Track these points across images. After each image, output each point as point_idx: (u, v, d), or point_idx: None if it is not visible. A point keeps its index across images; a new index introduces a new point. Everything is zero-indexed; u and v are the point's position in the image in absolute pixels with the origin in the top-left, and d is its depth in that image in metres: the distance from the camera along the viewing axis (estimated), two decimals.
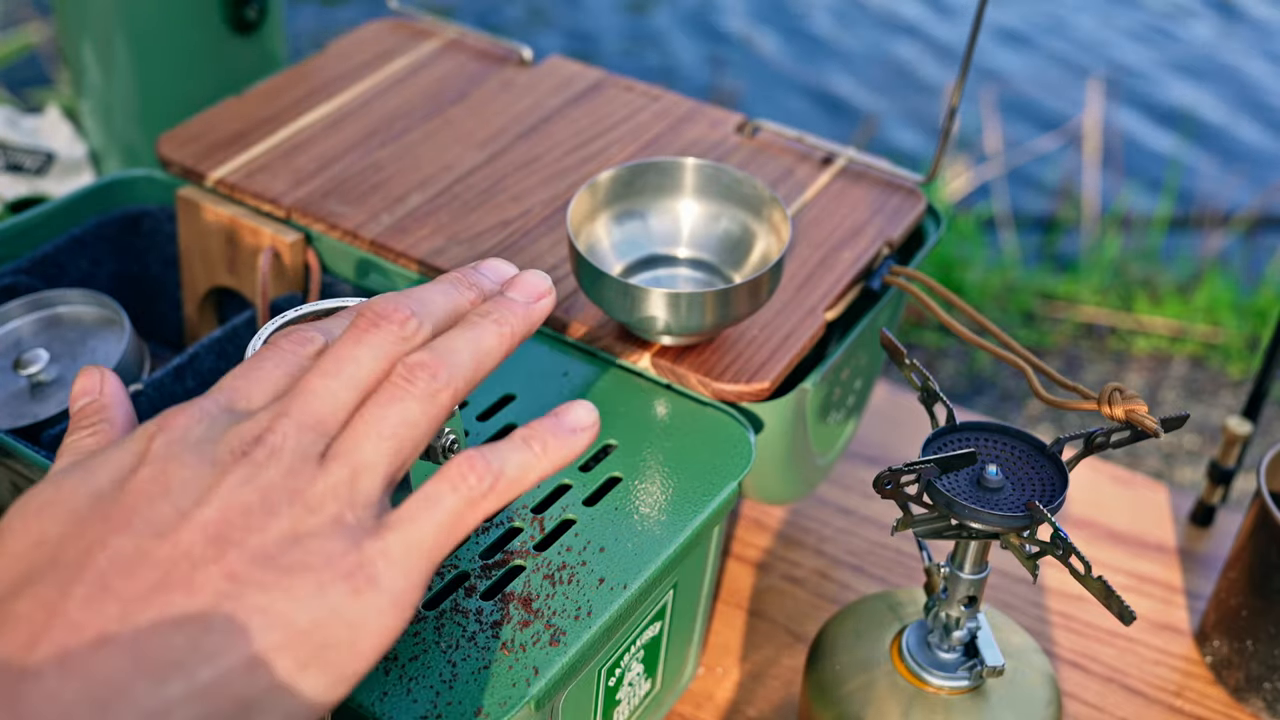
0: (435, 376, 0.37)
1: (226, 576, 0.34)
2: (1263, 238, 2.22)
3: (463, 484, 0.36)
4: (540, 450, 0.38)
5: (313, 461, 0.36)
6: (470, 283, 0.41)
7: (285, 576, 0.34)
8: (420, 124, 0.74)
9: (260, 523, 0.35)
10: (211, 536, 0.34)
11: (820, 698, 0.56)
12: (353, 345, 0.38)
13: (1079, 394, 0.54)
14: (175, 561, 0.34)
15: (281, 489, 0.35)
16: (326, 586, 0.34)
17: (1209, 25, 2.89)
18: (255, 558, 0.34)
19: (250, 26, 0.95)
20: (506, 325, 0.40)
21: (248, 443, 0.36)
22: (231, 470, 0.35)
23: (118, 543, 0.34)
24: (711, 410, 0.57)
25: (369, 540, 0.35)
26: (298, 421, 0.36)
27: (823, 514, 0.78)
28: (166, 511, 0.35)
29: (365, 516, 0.36)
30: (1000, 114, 2.47)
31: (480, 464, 0.37)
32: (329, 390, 0.37)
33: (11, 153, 0.97)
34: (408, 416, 0.37)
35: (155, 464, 0.36)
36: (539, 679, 0.45)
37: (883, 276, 0.65)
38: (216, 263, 0.69)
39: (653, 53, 2.70)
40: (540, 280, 0.42)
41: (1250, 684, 0.67)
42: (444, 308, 0.40)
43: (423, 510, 0.36)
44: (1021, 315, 2.02)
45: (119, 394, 0.43)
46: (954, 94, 0.65)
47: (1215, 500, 0.78)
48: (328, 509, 0.35)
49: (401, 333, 0.38)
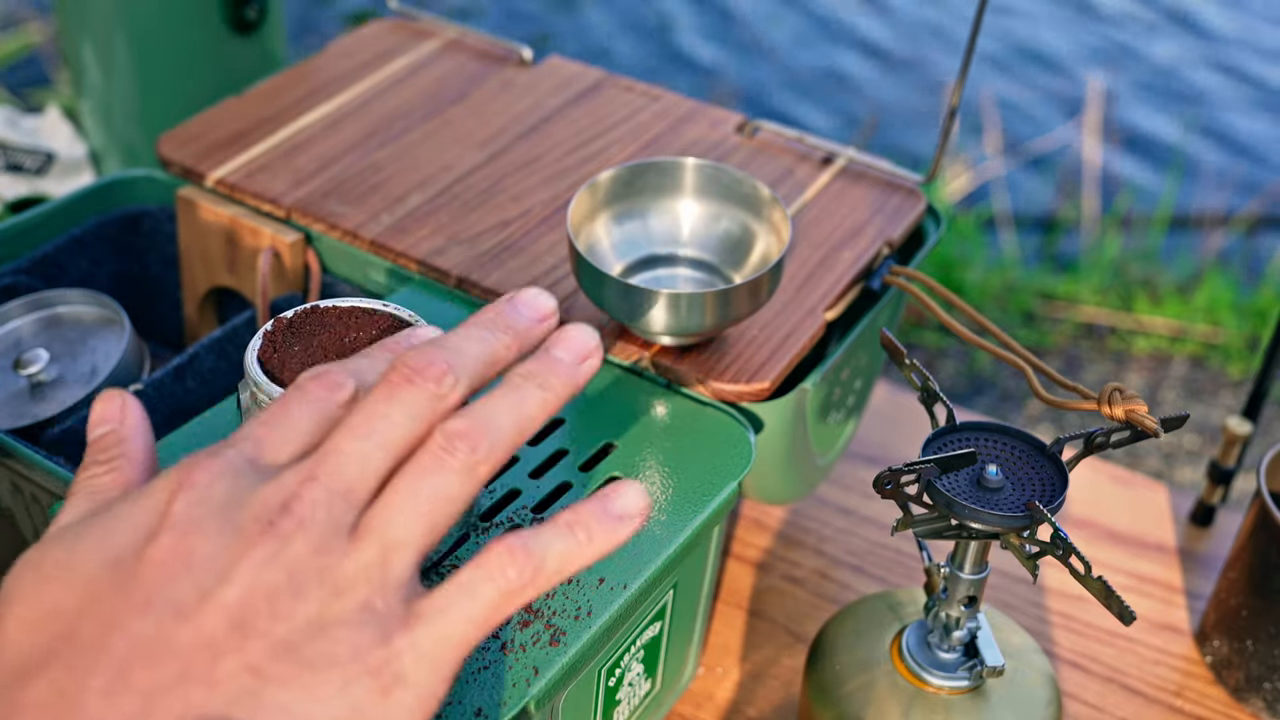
0: (475, 449, 0.35)
1: (248, 670, 0.32)
2: (1263, 238, 2.22)
3: (501, 576, 0.34)
4: (585, 539, 0.35)
5: (342, 536, 0.34)
6: (506, 325, 0.38)
7: (308, 671, 0.32)
8: (420, 124, 0.74)
9: (286, 607, 0.33)
10: (234, 621, 0.32)
11: (820, 698, 0.56)
12: (385, 403, 0.35)
13: (1079, 394, 0.54)
14: (197, 650, 0.32)
15: (309, 568, 0.33)
16: (351, 684, 0.33)
17: (1209, 25, 2.89)
18: (278, 649, 0.32)
19: (250, 26, 0.95)
20: (550, 391, 0.37)
21: (274, 510, 0.34)
22: (257, 544, 0.33)
23: (138, 626, 0.32)
24: (711, 410, 0.57)
25: (399, 633, 0.33)
26: (327, 488, 0.34)
27: (823, 514, 0.78)
28: (188, 590, 0.33)
29: (395, 601, 0.34)
30: (1000, 114, 2.47)
31: (521, 555, 0.34)
32: (360, 453, 0.35)
33: (11, 153, 0.97)
34: (446, 491, 0.34)
35: (175, 531, 0.33)
36: (539, 679, 0.45)
37: (883, 276, 0.65)
38: (216, 263, 0.69)
39: (653, 51, 2.70)
40: (588, 338, 0.38)
41: (1250, 684, 0.67)
42: (480, 358, 0.37)
43: (456, 601, 0.34)
44: (1021, 315, 2.02)
45: (140, 425, 0.40)
46: (954, 94, 0.65)
47: (1215, 500, 0.78)
48: (358, 593, 0.33)
49: (438, 390, 0.35)
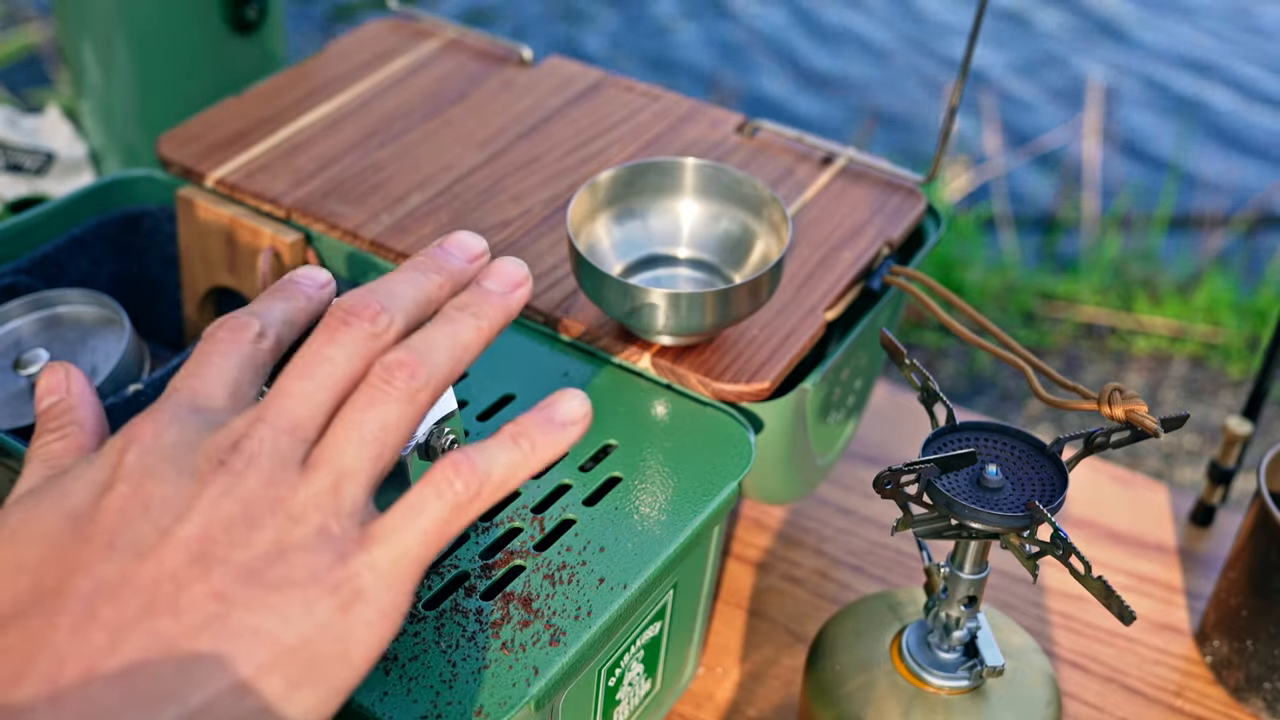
0: (414, 376, 0.36)
1: (213, 597, 0.33)
2: (1263, 238, 2.22)
3: (448, 489, 0.36)
4: (529, 448, 0.37)
5: (293, 468, 0.35)
6: (438, 266, 0.40)
7: (271, 593, 0.33)
8: (420, 124, 0.74)
9: (243, 537, 0.34)
10: (195, 554, 0.33)
11: (820, 698, 0.56)
12: (324, 345, 0.37)
13: (1079, 394, 0.54)
14: (160, 584, 0.33)
15: (263, 499, 0.34)
16: (314, 602, 0.34)
17: (1209, 25, 2.89)
18: (240, 575, 0.33)
19: (250, 26, 0.95)
20: (485, 318, 0.39)
21: (224, 450, 0.35)
22: (210, 481, 0.34)
23: (101, 568, 0.33)
24: (711, 410, 0.57)
25: (355, 553, 0.35)
26: (274, 426, 0.35)
27: (823, 514, 0.78)
28: (147, 530, 0.34)
29: (349, 525, 0.35)
30: (1000, 114, 2.47)
31: (466, 467, 0.36)
32: (304, 392, 0.36)
33: (11, 153, 0.97)
34: (388, 419, 0.36)
35: (130, 479, 0.35)
36: (539, 679, 0.45)
37: (883, 276, 0.65)
38: (216, 263, 0.69)
39: (652, 50, 2.70)
40: (516, 268, 0.40)
41: (1250, 684, 0.67)
42: (414, 298, 0.39)
43: (408, 519, 0.35)
44: (1021, 315, 2.02)
45: (85, 393, 0.41)
46: (954, 94, 0.65)
47: (1215, 500, 0.78)
48: (312, 519, 0.35)
49: (373, 329, 0.37)
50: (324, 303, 0.42)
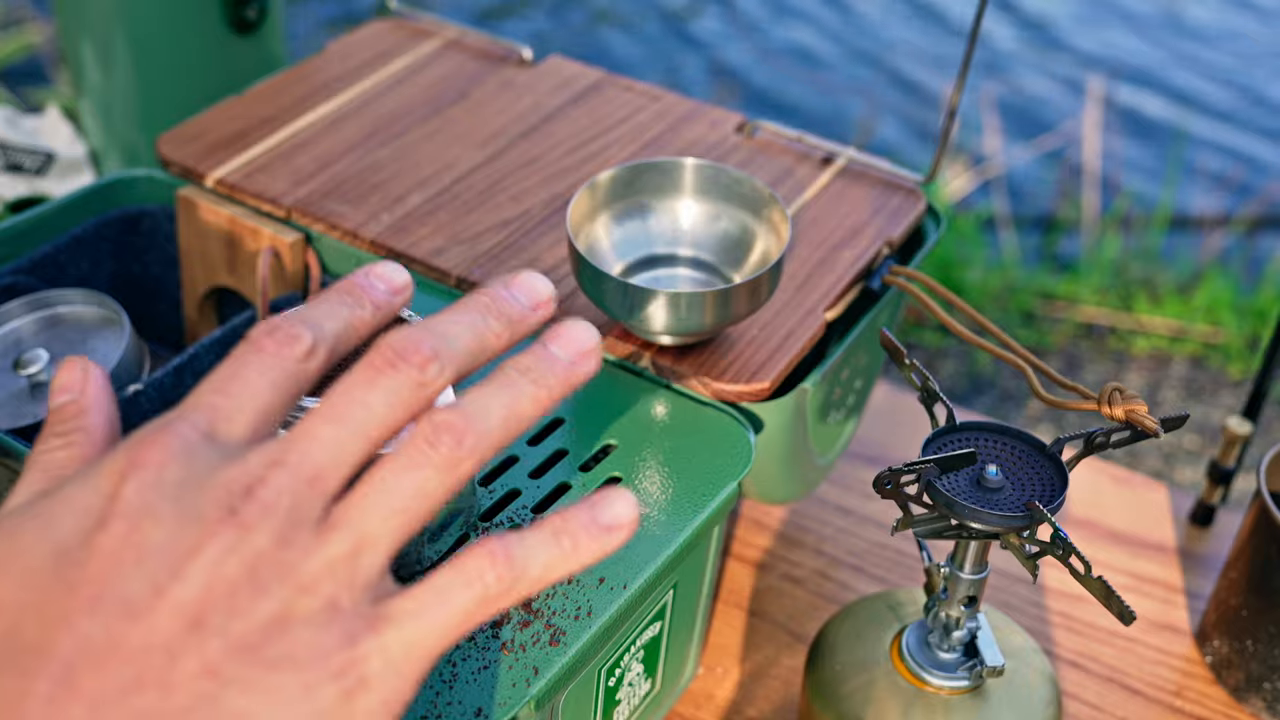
0: (461, 444, 0.32)
1: (205, 673, 0.30)
2: (1263, 238, 2.22)
3: (479, 581, 0.32)
4: (571, 548, 0.33)
5: (308, 527, 0.31)
6: (499, 312, 0.35)
7: (270, 674, 0.30)
8: (420, 124, 0.74)
9: (245, 605, 0.30)
10: (190, 621, 0.30)
11: (820, 698, 0.56)
12: (364, 388, 0.33)
13: (1079, 394, 0.54)
14: (149, 653, 0.30)
15: (271, 562, 0.31)
16: (314, 689, 0.31)
17: (1209, 24, 2.89)
18: (237, 649, 0.30)
19: (250, 27, 0.95)
20: (545, 389, 0.34)
21: (236, 496, 0.31)
22: (216, 533, 0.31)
23: (86, 625, 0.30)
24: (711, 410, 0.57)
25: (365, 634, 0.31)
26: (295, 475, 0.32)
27: (823, 514, 0.78)
28: (140, 586, 0.30)
29: (362, 601, 0.32)
30: (1000, 114, 2.47)
31: (503, 561, 0.32)
32: (334, 439, 0.32)
33: (11, 153, 0.97)
34: (425, 487, 0.32)
35: (126, 519, 0.31)
36: (539, 679, 0.45)
37: (883, 276, 0.65)
38: (216, 263, 0.69)
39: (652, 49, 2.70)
40: (588, 336, 0.35)
41: (1250, 684, 0.67)
42: (469, 347, 0.34)
43: (430, 605, 0.32)
44: (1021, 315, 2.02)
45: (101, 396, 0.38)
46: (954, 94, 0.65)
47: (1215, 500, 0.78)
48: (322, 590, 0.31)
49: (421, 377, 0.33)
50: (393, 313, 0.37)
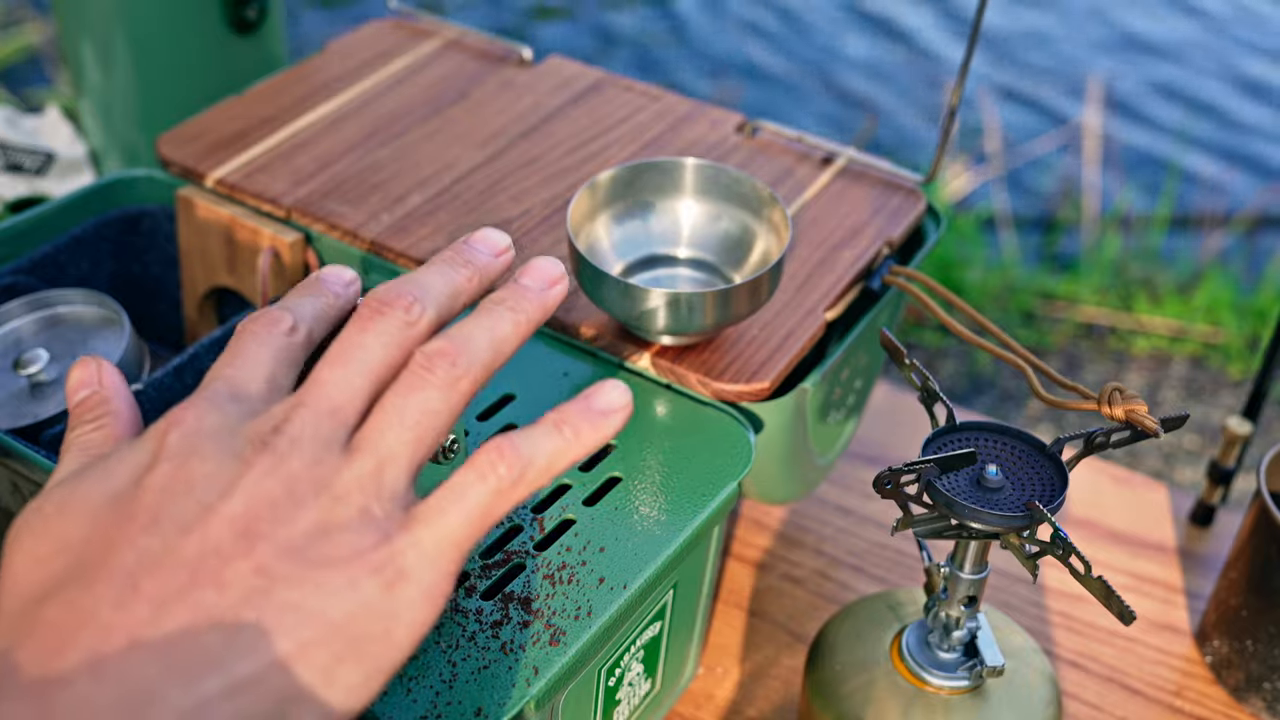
0: (455, 364, 0.37)
1: (256, 572, 0.33)
2: (1263, 238, 2.22)
3: (491, 473, 0.36)
4: (572, 435, 0.37)
5: (335, 451, 0.36)
6: (465, 260, 0.41)
7: (315, 570, 0.34)
8: (420, 124, 0.74)
9: (287, 514, 0.34)
10: (239, 531, 0.34)
11: (820, 698, 0.56)
12: (359, 333, 0.38)
13: (1079, 394, 0.54)
14: (204, 558, 0.33)
15: (306, 479, 0.35)
16: (358, 580, 0.34)
17: (1209, 24, 2.89)
18: (284, 551, 0.34)
19: (250, 27, 0.95)
20: (521, 312, 0.39)
21: (267, 433, 0.35)
22: (254, 462, 0.35)
23: (144, 541, 0.34)
24: (711, 410, 0.57)
25: (398, 533, 0.35)
26: (315, 410, 0.36)
27: (823, 514, 0.78)
28: (191, 506, 0.34)
29: (392, 508, 0.35)
30: (1000, 114, 2.47)
31: (510, 452, 0.36)
32: (342, 378, 0.37)
33: (11, 153, 0.97)
34: (429, 405, 0.36)
35: (174, 459, 0.35)
36: (539, 679, 0.45)
37: (883, 276, 0.65)
38: (216, 263, 0.69)
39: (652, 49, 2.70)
40: (553, 266, 0.41)
41: (1250, 684, 0.67)
42: (443, 290, 0.40)
43: (451, 502, 0.36)
44: (1021, 315, 2.02)
45: (119, 385, 0.42)
46: (954, 94, 0.65)
47: (1215, 500, 0.78)
48: (354, 500, 0.35)
49: (406, 317, 0.38)
50: (350, 300, 0.42)
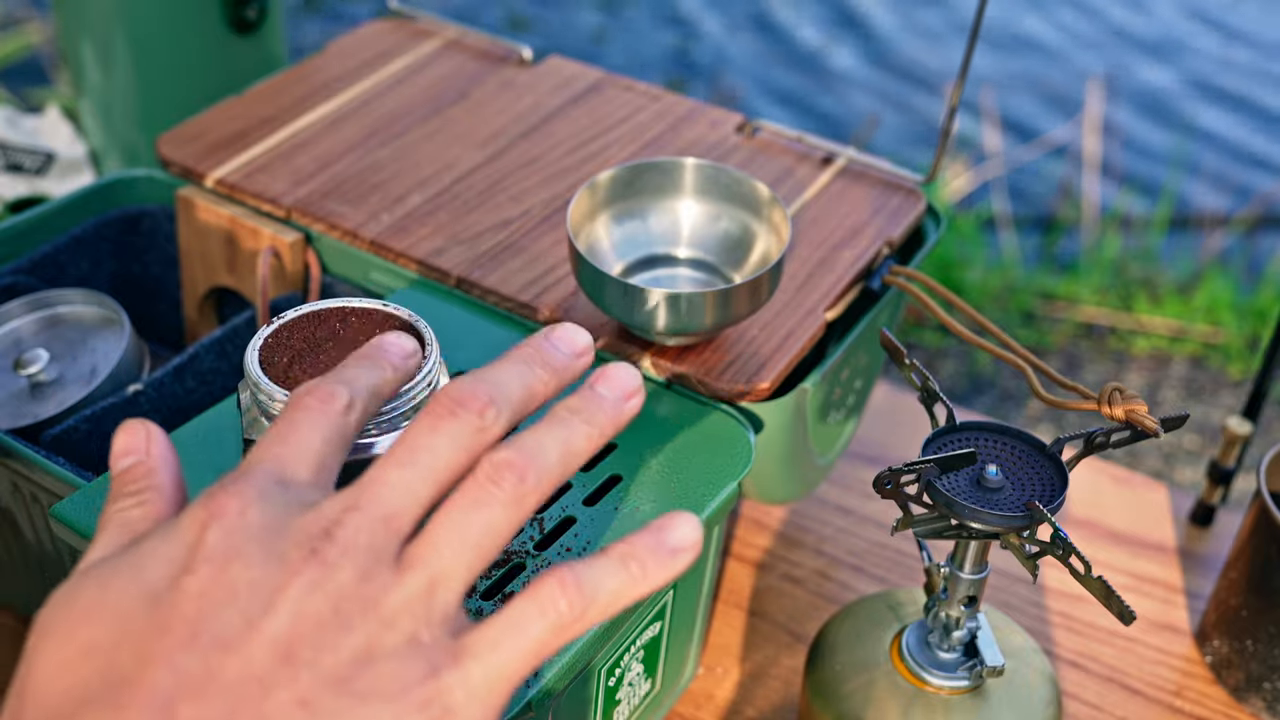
0: (523, 480, 0.34)
1: (299, 704, 0.31)
2: (1263, 238, 2.22)
3: (552, 609, 0.33)
4: (640, 573, 0.35)
5: (387, 565, 0.33)
6: (544, 360, 0.38)
7: (359, 705, 0.32)
8: (420, 124, 0.74)
9: (333, 639, 0.32)
10: (283, 654, 0.32)
11: (820, 698, 0.56)
12: (429, 434, 0.35)
13: (1079, 394, 0.54)
14: (245, 684, 0.31)
15: (355, 598, 0.32)
16: (402, 717, 0.32)
17: (1210, 23, 2.89)
18: (328, 681, 0.32)
19: (250, 27, 0.95)
20: (596, 426, 0.37)
21: (316, 537, 0.33)
22: (300, 571, 0.32)
23: (182, 660, 0.31)
24: (711, 410, 0.57)
25: (448, 666, 0.33)
26: (370, 515, 0.33)
27: (823, 514, 0.78)
28: (233, 621, 0.32)
29: (441, 635, 0.33)
30: (1000, 114, 2.47)
31: (573, 589, 0.34)
32: (404, 482, 0.34)
33: (11, 153, 0.97)
34: (492, 523, 0.34)
35: (214, 561, 0.32)
36: (539, 679, 0.45)
37: (883, 276, 0.65)
38: (216, 263, 0.69)
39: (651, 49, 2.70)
40: (631, 377, 0.38)
41: (1250, 684, 0.67)
42: (519, 393, 0.37)
43: (506, 636, 0.33)
44: (1021, 315, 2.02)
45: (167, 455, 0.39)
46: (954, 94, 0.65)
47: (1215, 500, 0.78)
48: (404, 625, 0.33)
49: (480, 423, 0.35)
50: (409, 374, 0.41)
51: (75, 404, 0.61)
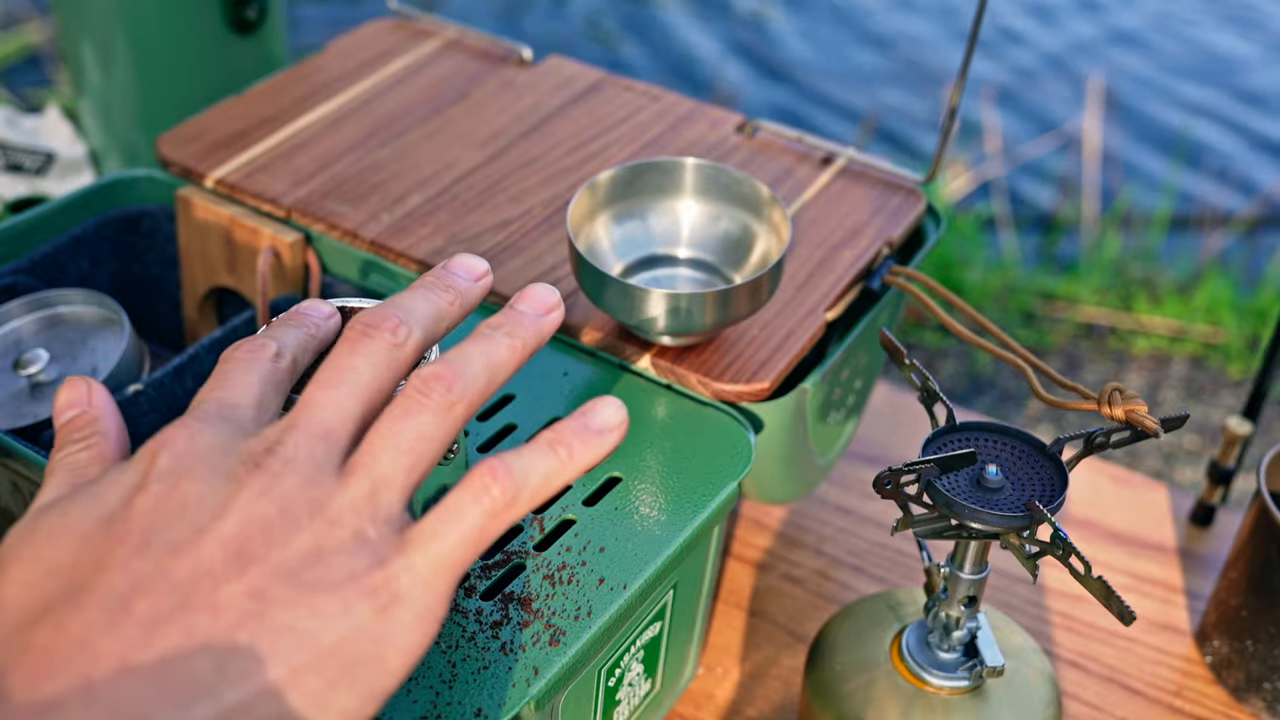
0: (450, 389, 0.37)
1: (250, 595, 0.33)
2: (1263, 238, 2.22)
3: (485, 495, 0.35)
4: (566, 455, 0.37)
5: (329, 473, 0.35)
6: (445, 284, 0.41)
7: (309, 594, 0.33)
8: (420, 124, 0.74)
9: (281, 537, 0.34)
10: (232, 552, 0.33)
11: (820, 698, 0.56)
12: (348, 355, 0.38)
13: (1079, 394, 0.54)
14: (196, 580, 0.33)
15: (300, 500, 0.34)
16: (351, 604, 0.34)
17: (1209, 23, 2.89)
18: (278, 574, 0.33)
19: (250, 27, 0.95)
20: (518, 338, 0.39)
21: (260, 454, 0.35)
22: (247, 482, 0.34)
23: (136, 564, 0.33)
24: (711, 410, 0.57)
25: (392, 556, 0.35)
26: (307, 432, 0.36)
27: (823, 514, 0.78)
28: (183, 528, 0.34)
29: (386, 532, 0.35)
30: (1000, 114, 2.47)
31: (503, 473, 0.36)
32: (333, 400, 0.37)
33: (11, 153, 0.97)
34: (424, 430, 0.36)
35: (165, 480, 0.35)
36: (539, 679, 0.45)
37: (883, 276, 0.65)
38: (216, 263, 0.69)
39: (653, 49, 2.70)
40: (548, 294, 0.41)
41: (1250, 684, 0.67)
42: (427, 312, 0.40)
43: (445, 524, 0.35)
44: (1021, 315, 2.02)
45: (108, 405, 0.41)
46: (954, 94, 0.65)
47: (1215, 500, 0.78)
48: (349, 523, 0.35)
49: (393, 339, 0.38)
50: (331, 332, 0.43)
51: None
